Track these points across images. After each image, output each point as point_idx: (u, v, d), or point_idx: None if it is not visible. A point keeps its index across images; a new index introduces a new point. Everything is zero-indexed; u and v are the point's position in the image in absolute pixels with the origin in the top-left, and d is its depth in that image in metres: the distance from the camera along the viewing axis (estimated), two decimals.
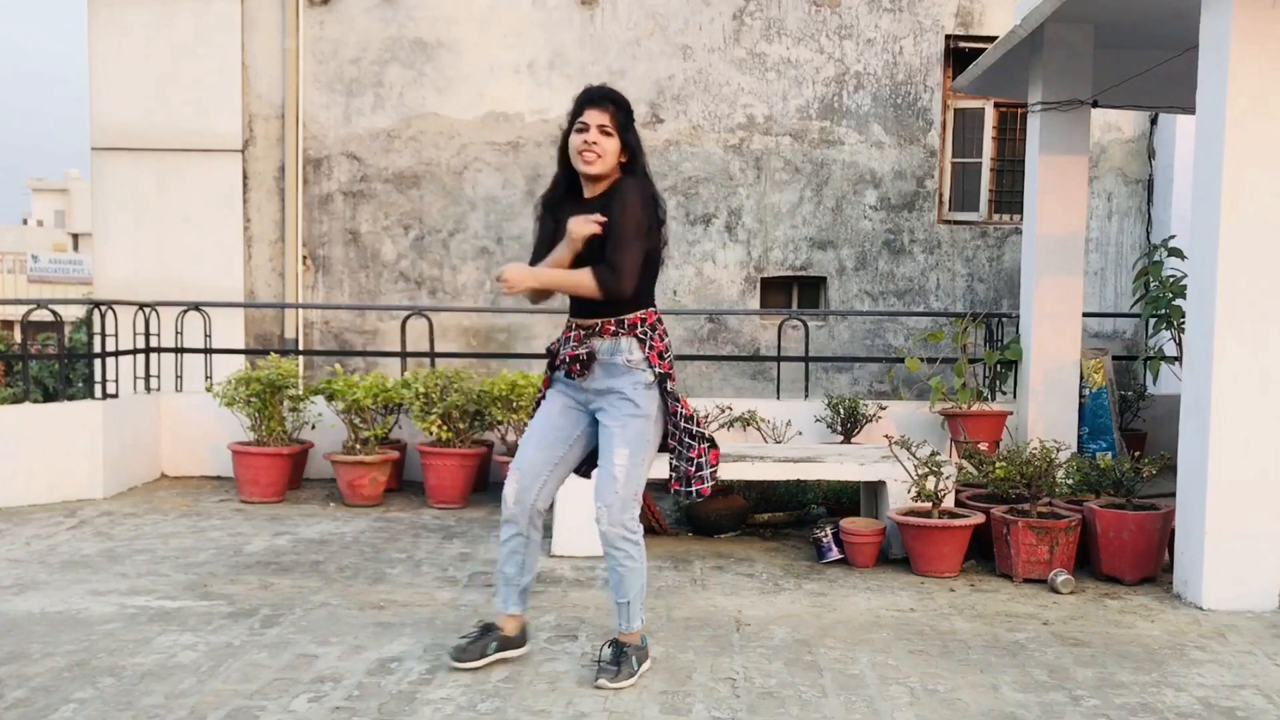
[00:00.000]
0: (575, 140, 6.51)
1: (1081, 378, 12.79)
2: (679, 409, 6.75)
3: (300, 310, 16.87)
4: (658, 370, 6.64)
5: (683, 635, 7.55)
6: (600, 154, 6.48)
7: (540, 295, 6.74)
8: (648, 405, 6.61)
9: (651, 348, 6.62)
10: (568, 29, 16.96)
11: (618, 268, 6.47)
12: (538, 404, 6.90)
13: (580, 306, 6.61)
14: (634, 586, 6.64)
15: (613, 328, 6.56)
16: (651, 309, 6.70)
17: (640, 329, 6.61)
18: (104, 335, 12.63)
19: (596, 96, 6.59)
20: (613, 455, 6.54)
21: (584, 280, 6.48)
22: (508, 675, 6.66)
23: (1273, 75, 8.25)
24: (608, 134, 6.50)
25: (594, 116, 6.50)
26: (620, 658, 6.63)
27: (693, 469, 6.73)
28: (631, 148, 6.62)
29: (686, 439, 6.74)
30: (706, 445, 6.78)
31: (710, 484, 6.77)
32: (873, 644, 7.43)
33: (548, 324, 16.83)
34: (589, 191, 6.65)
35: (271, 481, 12.06)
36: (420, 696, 6.33)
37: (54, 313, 12.89)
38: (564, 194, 6.76)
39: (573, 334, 6.64)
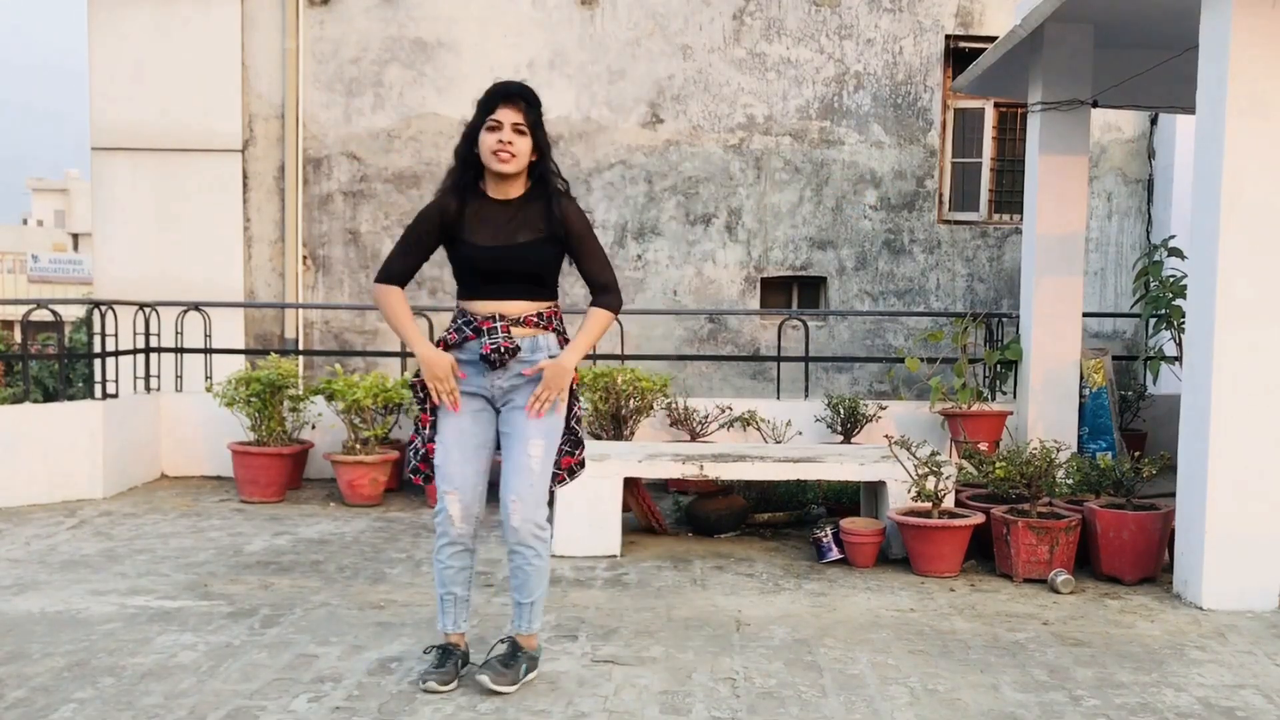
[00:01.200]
0: (488, 139, 6.37)
1: (1081, 378, 12.79)
2: (577, 408, 6.76)
3: (300, 310, 16.84)
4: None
5: (683, 635, 7.56)
6: (515, 154, 6.38)
7: None
8: (561, 402, 6.58)
9: (562, 337, 6.63)
10: (567, 29, 16.95)
11: (612, 286, 6.57)
12: (427, 401, 6.67)
13: (494, 293, 6.48)
14: (540, 586, 6.57)
15: (535, 320, 6.50)
16: (557, 302, 6.67)
17: (555, 323, 6.59)
18: (104, 335, 12.64)
19: (509, 93, 6.48)
20: (527, 446, 6.44)
21: (602, 323, 6.52)
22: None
23: (1273, 75, 8.25)
24: (521, 132, 6.39)
25: (507, 115, 6.38)
26: (512, 660, 6.55)
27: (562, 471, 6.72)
28: (540, 145, 6.51)
29: (569, 441, 6.71)
30: (578, 450, 6.78)
31: (564, 481, 6.76)
32: (873, 644, 7.44)
33: None
34: (498, 192, 6.53)
35: (271, 481, 12.06)
36: (420, 696, 6.33)
37: (54, 313, 12.91)
38: (464, 196, 6.57)
39: (498, 325, 6.43)
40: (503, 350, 6.40)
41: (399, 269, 6.65)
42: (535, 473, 6.42)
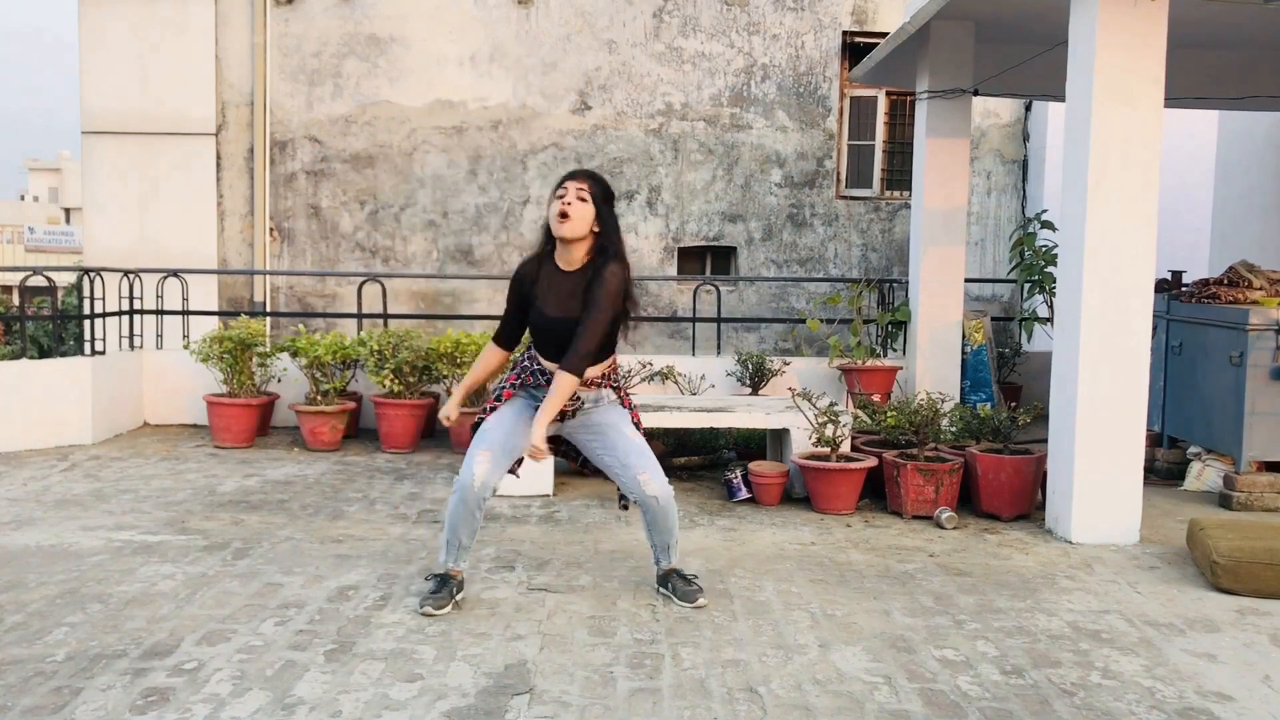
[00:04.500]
0: (554, 205, 6.43)
1: (963, 336, 12.80)
2: (632, 412, 6.92)
3: (268, 276, 16.78)
4: (629, 404, 6.89)
5: (608, 566, 7.52)
6: (572, 215, 6.36)
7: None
8: (616, 404, 6.80)
9: (621, 390, 6.82)
10: (505, 25, 16.85)
11: (580, 353, 6.44)
12: (492, 406, 6.73)
13: (561, 355, 6.49)
14: (676, 527, 6.86)
15: (597, 381, 6.63)
16: (614, 356, 6.75)
17: (613, 379, 6.74)
18: (93, 299, 12.65)
19: (575, 173, 6.56)
20: (627, 435, 6.66)
21: (564, 386, 6.41)
22: (453, 602, 6.61)
23: (1133, 67, 8.25)
24: (583, 199, 6.39)
25: (572, 186, 6.42)
26: (686, 577, 6.90)
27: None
28: (604, 219, 6.49)
29: None
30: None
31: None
32: (777, 574, 7.41)
33: (489, 288, 16.78)
34: (564, 262, 6.56)
35: (242, 429, 11.97)
36: (374, 620, 6.30)
37: (48, 279, 13.04)
38: (541, 263, 6.64)
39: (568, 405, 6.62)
40: (569, 412, 6.68)
41: (502, 331, 6.94)
42: (643, 448, 6.67)
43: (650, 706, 5.16)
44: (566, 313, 6.47)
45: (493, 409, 6.70)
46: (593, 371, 6.55)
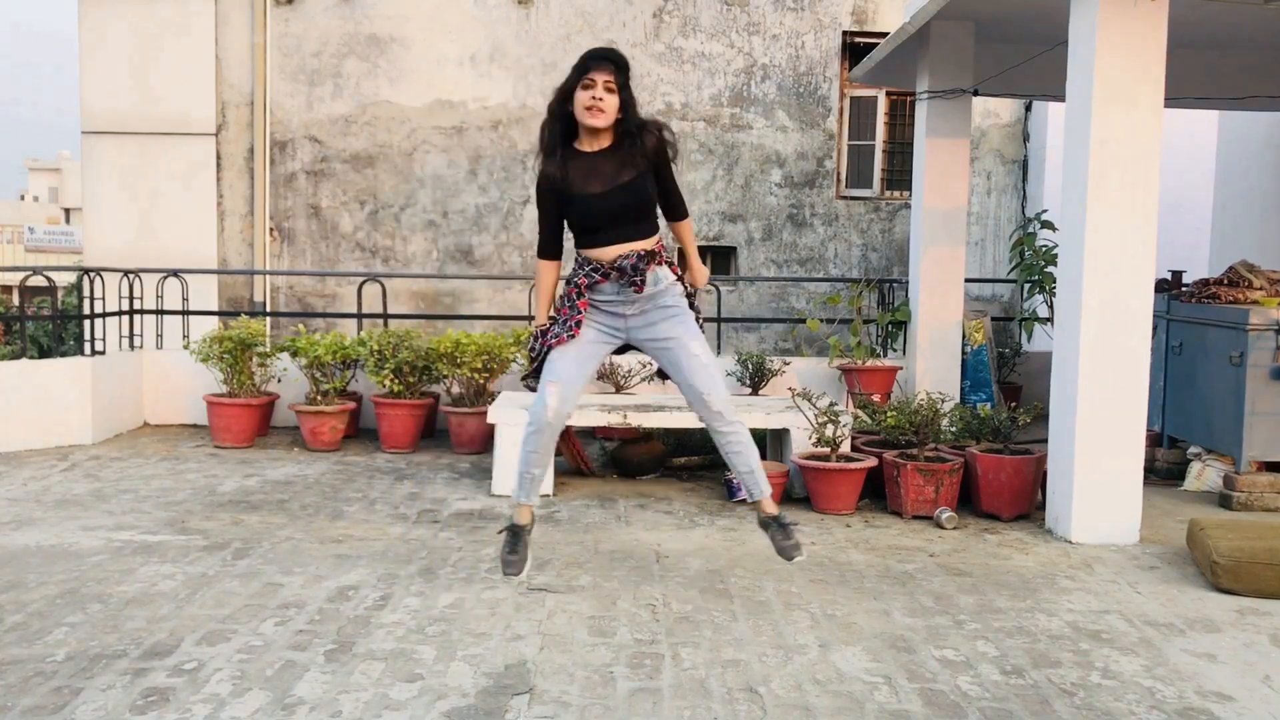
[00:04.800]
0: (583, 96, 6.32)
1: (964, 336, 12.79)
2: (697, 304, 6.84)
3: (268, 276, 16.82)
4: (686, 289, 6.74)
5: (608, 566, 7.52)
6: (605, 109, 6.32)
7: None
8: (689, 311, 6.68)
9: (674, 268, 6.69)
10: (505, 26, 16.87)
11: (686, 210, 6.84)
12: (562, 322, 6.59)
13: (614, 238, 6.47)
14: (755, 455, 6.65)
15: (649, 254, 6.53)
16: (660, 235, 6.68)
17: (665, 255, 6.62)
18: (93, 299, 12.64)
19: (600, 56, 6.44)
20: (693, 350, 6.54)
21: (690, 231, 6.84)
22: (452, 602, 6.63)
23: (1133, 68, 8.25)
24: (611, 91, 6.33)
25: (600, 79, 6.32)
26: (783, 529, 6.71)
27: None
28: (627, 104, 6.44)
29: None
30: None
31: None
32: (777, 574, 7.41)
33: (489, 288, 16.80)
34: (591, 145, 6.49)
35: (242, 429, 11.98)
36: (374, 620, 6.30)
37: (48, 279, 13.05)
38: (563, 160, 6.53)
39: (628, 261, 6.42)
40: (634, 268, 6.46)
41: (545, 244, 6.76)
42: (710, 365, 6.57)
43: (650, 706, 5.16)
44: (611, 185, 6.44)
45: (578, 322, 6.57)
46: (644, 244, 6.50)
